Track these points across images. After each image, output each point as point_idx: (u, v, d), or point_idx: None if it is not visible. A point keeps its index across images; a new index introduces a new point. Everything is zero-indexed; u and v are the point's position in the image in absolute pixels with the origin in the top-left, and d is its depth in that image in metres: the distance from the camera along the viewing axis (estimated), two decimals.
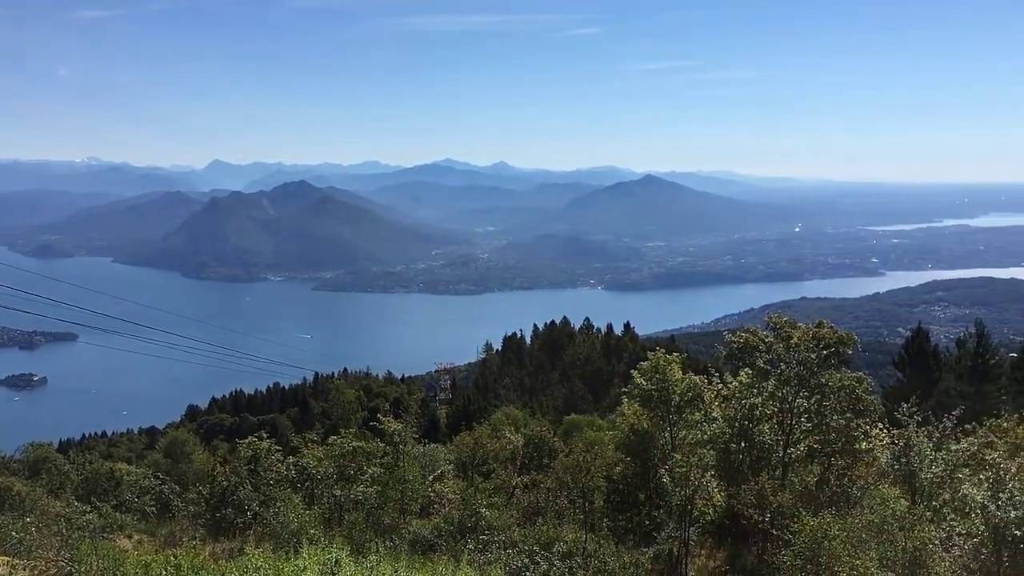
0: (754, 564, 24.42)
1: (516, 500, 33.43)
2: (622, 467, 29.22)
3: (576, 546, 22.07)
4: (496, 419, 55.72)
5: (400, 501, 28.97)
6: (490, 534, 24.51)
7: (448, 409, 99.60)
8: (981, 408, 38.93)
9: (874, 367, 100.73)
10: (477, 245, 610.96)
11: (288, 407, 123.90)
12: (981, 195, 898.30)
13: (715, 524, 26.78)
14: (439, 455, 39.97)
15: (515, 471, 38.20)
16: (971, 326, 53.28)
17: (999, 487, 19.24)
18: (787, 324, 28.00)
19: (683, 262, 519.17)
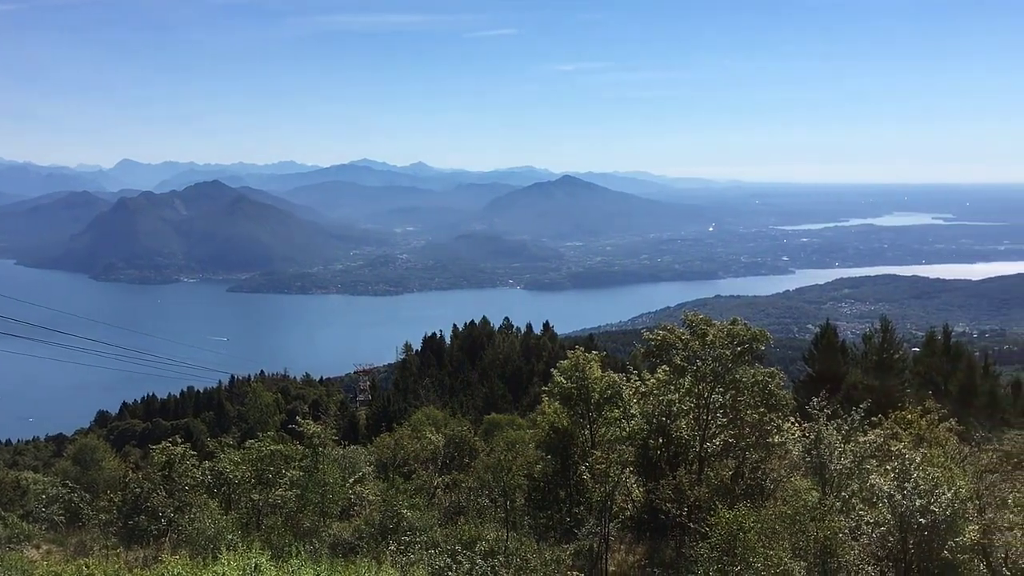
0: (672, 557, 24.84)
1: (437, 500, 33.43)
2: (543, 465, 29.44)
3: (498, 544, 22.16)
4: (416, 420, 55.55)
5: (320, 504, 28.69)
6: (412, 535, 24.44)
7: (368, 410, 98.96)
8: (886, 401, 40.26)
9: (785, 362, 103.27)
10: (396, 245, 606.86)
11: (203, 411, 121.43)
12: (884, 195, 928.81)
13: (634, 519, 27.19)
14: (359, 457, 39.66)
15: (436, 471, 38.19)
16: (876, 322, 55.08)
17: (904, 477, 19.95)
18: (703, 322, 28.56)
19: (601, 261, 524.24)
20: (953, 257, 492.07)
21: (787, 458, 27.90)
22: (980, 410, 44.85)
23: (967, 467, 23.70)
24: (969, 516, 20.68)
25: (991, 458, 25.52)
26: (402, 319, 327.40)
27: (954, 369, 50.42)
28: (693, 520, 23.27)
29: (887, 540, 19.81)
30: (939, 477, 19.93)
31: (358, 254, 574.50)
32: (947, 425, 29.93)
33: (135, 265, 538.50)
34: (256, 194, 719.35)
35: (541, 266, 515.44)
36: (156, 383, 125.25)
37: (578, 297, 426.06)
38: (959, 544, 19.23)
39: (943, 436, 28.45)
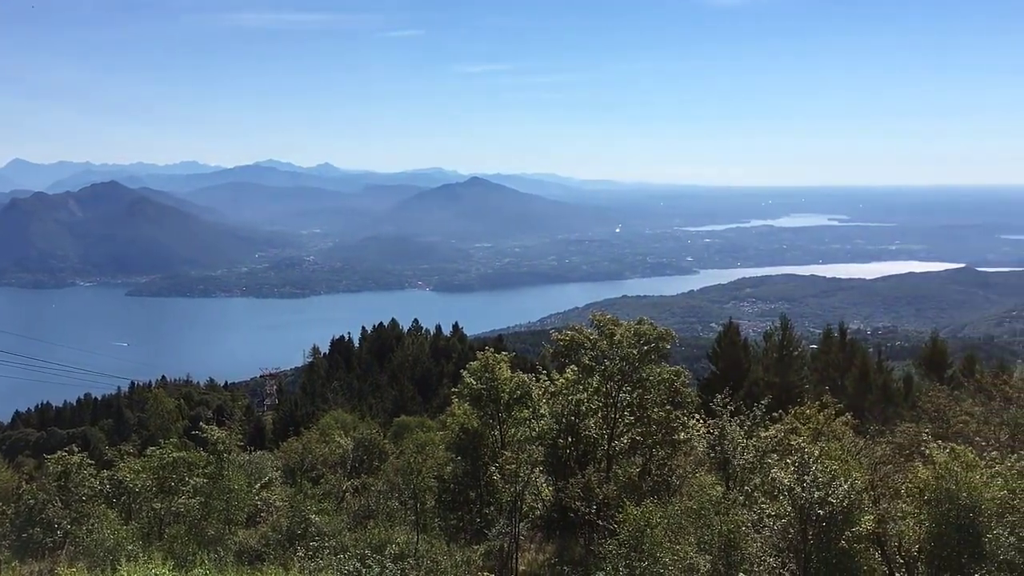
0: (581, 555, 25.15)
1: (346, 504, 33.11)
2: (453, 466, 29.44)
3: (408, 547, 22.12)
4: (325, 423, 54.88)
5: (225, 511, 28.11)
6: (320, 540, 24.18)
7: (275, 415, 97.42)
8: (787, 397, 41.49)
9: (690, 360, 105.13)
10: (302, 247, 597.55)
11: (101, 419, 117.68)
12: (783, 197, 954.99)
13: (544, 518, 27.41)
14: (266, 462, 39.00)
15: (345, 475, 37.82)
16: (777, 320, 56.74)
17: (804, 470, 20.56)
18: (610, 322, 28.98)
19: (509, 262, 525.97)
20: (848, 257, 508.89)
21: (692, 454, 28.54)
22: (874, 404, 46.50)
23: (862, 459, 24.55)
24: (865, 507, 21.45)
25: (885, 450, 26.52)
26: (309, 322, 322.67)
27: (850, 365, 52.21)
28: (602, 517, 23.59)
29: (788, 532, 20.39)
30: (836, 470, 20.59)
31: (263, 256, 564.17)
32: (844, 419, 30.95)
33: (27, 268, 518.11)
34: (156, 195, 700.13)
35: (450, 267, 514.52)
36: (51, 391, 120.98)
37: (487, 298, 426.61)
38: (855, 534, 19.91)
39: (840, 430, 29.40)
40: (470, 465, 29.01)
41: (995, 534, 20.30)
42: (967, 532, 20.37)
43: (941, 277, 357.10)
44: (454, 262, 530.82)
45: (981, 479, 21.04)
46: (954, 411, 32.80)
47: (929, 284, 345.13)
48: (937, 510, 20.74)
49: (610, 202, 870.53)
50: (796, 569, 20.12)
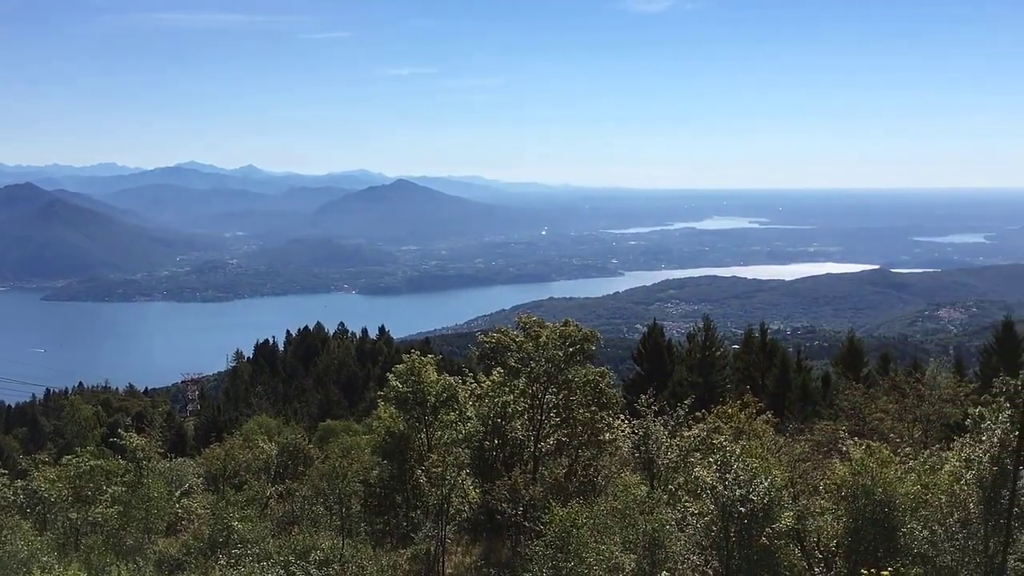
0: (508, 557, 25.18)
1: (270, 511, 32.63)
2: (379, 470, 29.24)
3: (333, 553, 21.89)
4: (248, 429, 53.93)
5: (144, 520, 27.48)
6: (243, 547, 23.78)
7: (197, 421, 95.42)
8: (710, 396, 42.16)
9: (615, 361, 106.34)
10: (225, 250, 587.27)
11: (15, 427, 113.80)
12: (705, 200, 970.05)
13: (471, 521, 27.37)
14: (187, 469, 38.22)
15: (269, 481, 37.26)
16: (700, 321, 57.66)
17: (726, 468, 20.91)
18: (536, 324, 29.09)
19: (436, 265, 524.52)
20: (768, 258, 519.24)
21: (617, 454, 28.81)
22: (794, 402, 47.51)
23: (782, 457, 25.05)
24: (785, 503, 21.89)
25: (804, 448, 27.11)
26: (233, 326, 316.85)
27: (770, 365, 53.27)
28: (528, 519, 23.66)
29: (710, 529, 20.69)
30: (757, 468, 20.98)
31: (185, 260, 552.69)
32: (764, 418, 31.58)
33: None
34: (73, 197, 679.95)
35: (376, 270, 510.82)
36: None
37: (414, 301, 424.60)
38: (776, 530, 20.32)
39: (761, 428, 29.97)
40: (396, 469, 28.84)
41: (909, 528, 20.90)
42: (883, 527, 20.93)
43: (857, 278, 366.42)
44: (380, 265, 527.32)
45: (896, 475, 21.66)
46: (870, 409, 33.69)
47: (846, 285, 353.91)
48: (854, 506, 21.28)
49: (536, 204, 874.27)
50: (719, 566, 20.43)
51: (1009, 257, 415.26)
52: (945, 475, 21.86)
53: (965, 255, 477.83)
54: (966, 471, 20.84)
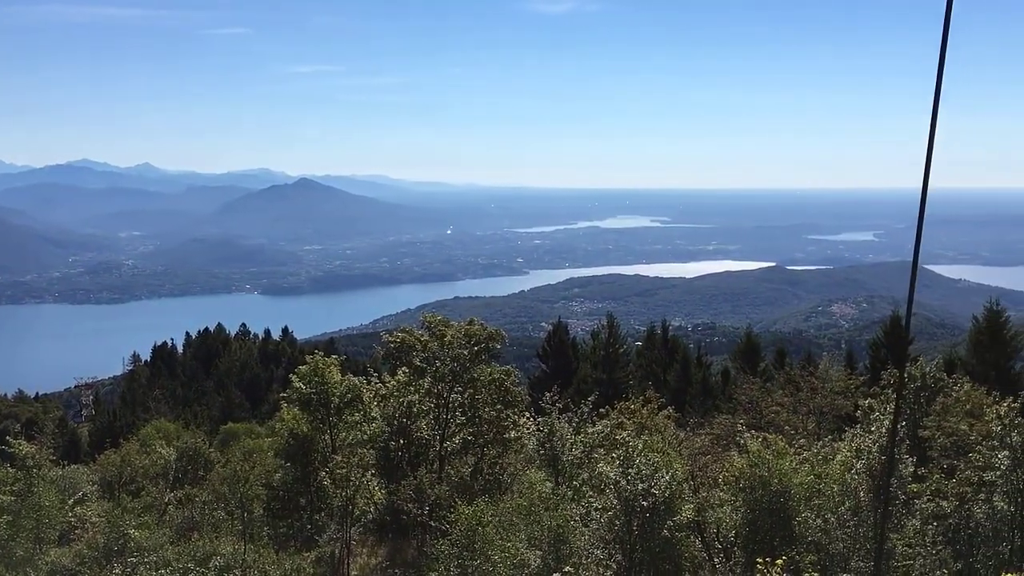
0: (414, 557, 25.13)
1: (169, 517, 31.82)
2: (282, 473, 28.83)
3: (235, 558, 21.48)
4: (146, 434, 52.45)
5: (35, 530, 26.47)
6: (140, 555, 23.12)
7: (91, 427, 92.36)
8: (613, 393, 42.78)
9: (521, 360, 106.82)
10: (121, 251, 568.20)
11: None
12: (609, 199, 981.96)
13: (376, 521, 27.20)
14: (81, 476, 36.92)
15: (168, 487, 36.34)
16: (603, 319, 58.44)
17: (628, 463, 21.26)
18: (441, 323, 29.09)
19: (340, 265, 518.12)
20: (670, 257, 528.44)
21: (523, 452, 29.00)
22: (695, 397, 48.58)
23: (683, 451, 25.62)
24: (685, 496, 22.39)
25: (704, 441, 27.80)
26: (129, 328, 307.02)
27: (672, 361, 54.36)
28: (434, 518, 23.64)
29: (614, 524, 21.00)
30: (659, 462, 21.39)
31: (78, 260, 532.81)
32: (666, 413, 32.20)
33: None
34: None
35: (279, 270, 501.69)
36: None
37: (318, 301, 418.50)
38: (677, 523, 20.75)
39: (662, 423, 30.55)
40: (300, 471, 28.48)
41: (803, 517, 21.61)
42: (778, 516, 21.58)
43: (754, 275, 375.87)
44: (283, 265, 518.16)
45: (790, 466, 22.34)
46: (766, 402, 34.67)
47: (744, 282, 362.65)
48: (751, 497, 21.88)
49: (441, 204, 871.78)
50: (622, 559, 20.75)
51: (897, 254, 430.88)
52: (837, 465, 22.67)
53: (856, 252, 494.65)
54: (856, 461, 21.66)
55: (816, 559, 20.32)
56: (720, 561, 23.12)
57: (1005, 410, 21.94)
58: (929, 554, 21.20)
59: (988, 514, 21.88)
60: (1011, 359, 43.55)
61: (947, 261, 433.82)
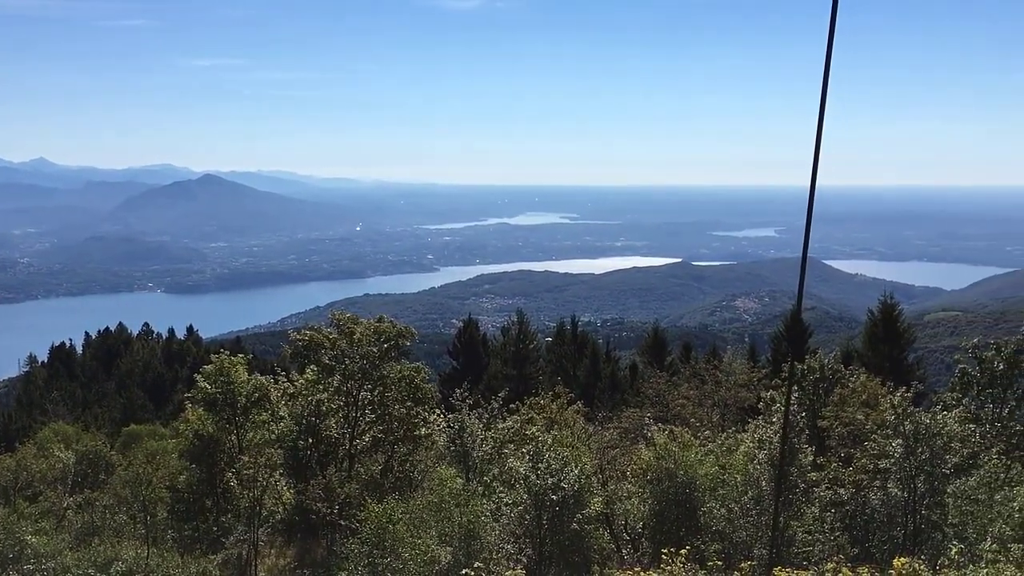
0: (324, 556, 24.90)
1: (68, 522, 30.85)
2: (187, 475, 28.22)
3: (137, 563, 20.97)
4: (43, 437, 50.65)
5: None
6: (37, 562, 22.38)
7: None
8: (523, 388, 43.07)
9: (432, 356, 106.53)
10: (15, 248, 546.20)
11: None
12: (518, 196, 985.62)
13: (285, 522, 26.86)
14: None
15: (67, 491, 35.20)
16: (513, 315, 58.76)
17: (538, 458, 21.47)
18: (350, 320, 28.87)
19: (247, 262, 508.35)
20: (579, 253, 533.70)
21: (433, 449, 29.00)
22: (603, 392, 49.23)
23: (592, 444, 25.95)
24: (594, 489, 22.72)
25: (612, 435, 28.19)
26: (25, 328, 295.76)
27: (581, 356, 54.97)
28: (344, 517, 23.48)
29: (524, 518, 21.18)
30: (568, 456, 21.66)
31: None
32: (575, 407, 32.60)
33: None
34: None
35: (183, 268, 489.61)
36: None
37: (224, 299, 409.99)
38: (586, 515, 21.04)
39: (571, 418, 30.92)
40: (205, 472, 27.92)
41: (708, 507, 22.14)
42: (684, 507, 22.08)
43: (661, 271, 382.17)
44: (187, 262, 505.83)
45: (696, 457, 22.87)
46: (673, 395, 35.37)
47: (651, 278, 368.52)
48: (658, 488, 22.33)
49: (350, 200, 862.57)
50: (532, 553, 20.94)
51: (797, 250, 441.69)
52: (740, 456, 23.29)
53: (758, 248, 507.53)
54: (759, 451, 22.27)
55: (720, 548, 20.82)
56: (628, 552, 23.51)
57: (898, 400, 22.79)
58: (828, 540, 21.94)
59: (883, 500, 22.73)
60: (904, 351, 45.31)
61: (844, 256, 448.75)
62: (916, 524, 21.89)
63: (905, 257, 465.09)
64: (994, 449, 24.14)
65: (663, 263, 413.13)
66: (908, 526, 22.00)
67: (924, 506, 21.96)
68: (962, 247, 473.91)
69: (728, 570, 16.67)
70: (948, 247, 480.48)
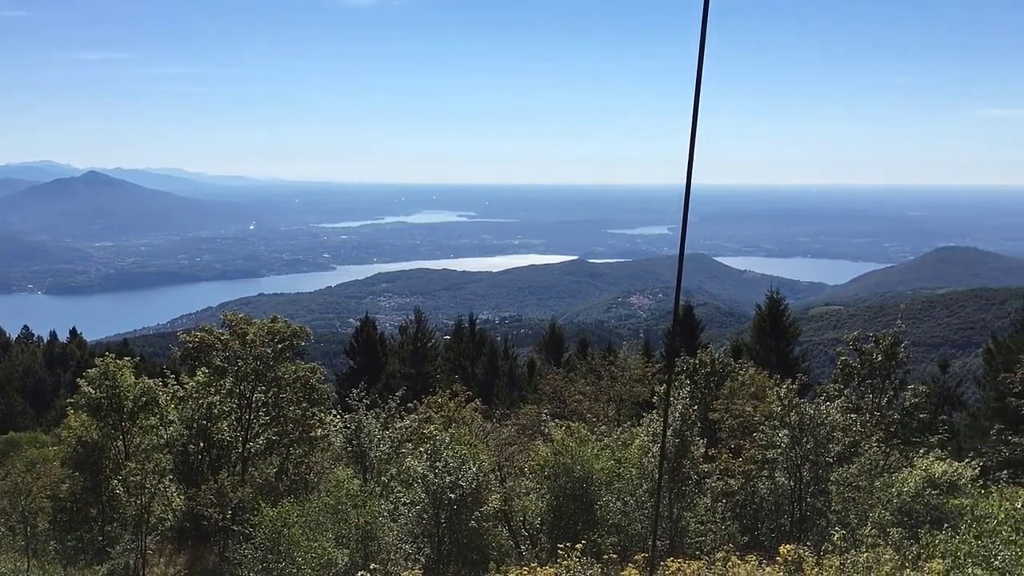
0: (216, 563, 24.30)
1: None
2: (70, 483, 27.15)
3: None
4: None
5: None
6: None
7: None
8: (421, 387, 42.88)
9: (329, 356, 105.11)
10: None
11: None
12: (415, 194, 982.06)
13: (175, 529, 26.14)
14: None
15: None
16: (411, 314, 58.48)
17: (436, 457, 21.42)
18: (242, 321, 28.23)
19: (135, 262, 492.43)
20: (477, 251, 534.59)
21: (330, 450, 28.62)
22: (502, 389, 49.46)
23: (490, 442, 26.01)
24: (492, 486, 22.79)
25: (510, 432, 28.30)
26: None
27: (479, 354, 55.08)
28: (237, 522, 22.96)
29: (422, 517, 21.11)
30: (466, 454, 21.66)
31: None
32: (473, 405, 32.56)
33: None
34: None
35: (66, 268, 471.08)
36: None
37: (111, 300, 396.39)
38: (484, 513, 21.09)
39: (470, 416, 30.87)
40: (90, 480, 26.91)
41: (605, 501, 22.44)
42: (581, 501, 22.33)
43: (558, 269, 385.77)
44: (70, 263, 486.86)
45: (592, 452, 23.15)
46: (569, 391, 35.70)
47: (548, 275, 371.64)
48: (555, 484, 22.52)
49: (243, 199, 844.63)
50: (431, 552, 20.88)
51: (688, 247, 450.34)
52: (635, 449, 23.68)
53: (652, 245, 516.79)
54: (653, 444, 22.67)
55: (616, 541, 21.13)
56: (526, 548, 23.64)
57: (784, 392, 23.55)
58: (719, 529, 22.51)
59: (771, 489, 23.45)
60: (790, 344, 46.86)
61: (734, 253, 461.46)
62: (802, 511, 22.63)
63: (790, 254, 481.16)
64: (874, 437, 25.16)
65: (560, 260, 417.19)
66: (794, 514, 22.72)
67: (809, 494, 22.73)
68: (844, 244, 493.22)
69: (623, 563, 16.92)
70: (830, 244, 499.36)
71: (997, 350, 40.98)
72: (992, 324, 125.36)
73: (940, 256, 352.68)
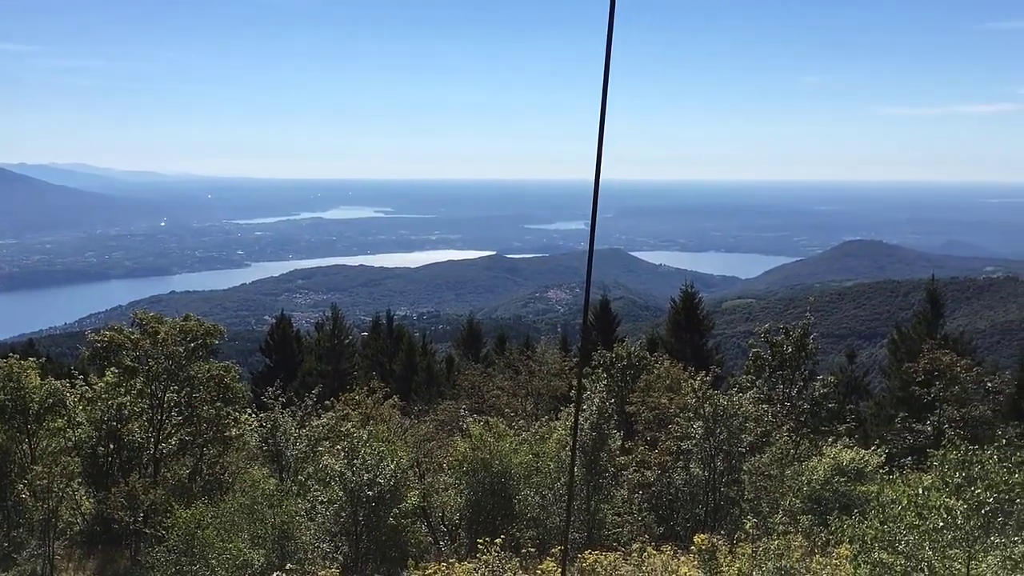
0: (128, 567, 23.78)
1: None
2: None
3: None
4: None
5: None
6: None
7: None
8: (339, 384, 42.48)
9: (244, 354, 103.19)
10: None
11: None
12: (331, 190, 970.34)
13: (84, 533, 25.49)
14: None
15: None
16: (328, 310, 57.91)
17: (353, 454, 21.30)
18: (153, 320, 27.63)
19: (40, 260, 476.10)
20: (394, 247, 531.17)
21: (245, 449, 28.22)
22: (420, 385, 49.28)
23: (408, 438, 25.95)
24: (411, 483, 22.76)
25: (429, 428, 28.30)
26: None
27: (397, 350, 54.81)
28: (149, 525, 22.50)
29: (340, 516, 20.98)
30: (384, 451, 21.59)
31: None
32: (391, 402, 32.46)
33: None
34: None
35: None
36: None
37: (14, 300, 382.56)
38: (403, 510, 21.06)
39: (387, 412, 30.78)
40: None
41: (523, 495, 22.63)
42: (500, 496, 22.47)
43: (476, 264, 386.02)
44: None
45: (511, 447, 23.31)
46: (488, 386, 35.87)
47: (466, 271, 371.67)
48: (474, 479, 22.62)
49: (153, 194, 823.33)
50: (349, 551, 20.77)
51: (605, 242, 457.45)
52: (553, 443, 23.92)
53: (569, 240, 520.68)
54: (570, 438, 22.93)
55: (535, 534, 21.32)
56: (445, 544, 23.69)
57: (699, 384, 24.05)
58: (636, 521, 22.89)
59: (685, 480, 23.94)
60: (704, 337, 47.79)
61: (649, 248, 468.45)
62: (716, 501, 23.17)
63: (705, 248, 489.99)
64: (785, 427, 25.90)
65: (477, 256, 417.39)
66: (709, 503, 23.25)
67: (723, 483, 23.28)
68: (755, 238, 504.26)
69: (542, 556, 17.11)
70: (743, 238, 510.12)
71: (901, 341, 42.53)
72: (896, 315, 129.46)
73: (847, 249, 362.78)
